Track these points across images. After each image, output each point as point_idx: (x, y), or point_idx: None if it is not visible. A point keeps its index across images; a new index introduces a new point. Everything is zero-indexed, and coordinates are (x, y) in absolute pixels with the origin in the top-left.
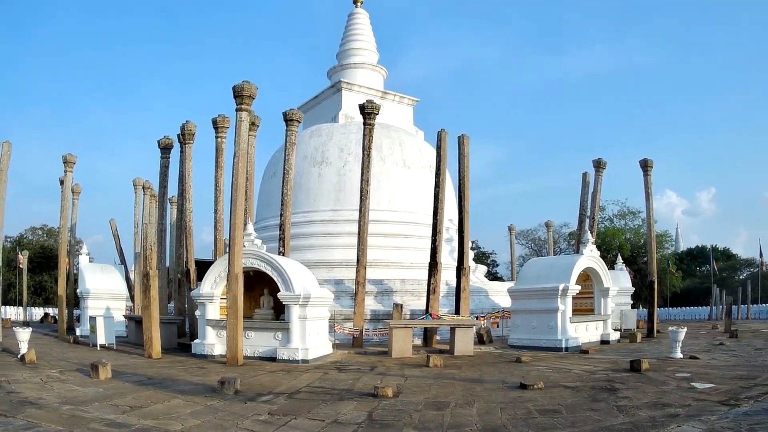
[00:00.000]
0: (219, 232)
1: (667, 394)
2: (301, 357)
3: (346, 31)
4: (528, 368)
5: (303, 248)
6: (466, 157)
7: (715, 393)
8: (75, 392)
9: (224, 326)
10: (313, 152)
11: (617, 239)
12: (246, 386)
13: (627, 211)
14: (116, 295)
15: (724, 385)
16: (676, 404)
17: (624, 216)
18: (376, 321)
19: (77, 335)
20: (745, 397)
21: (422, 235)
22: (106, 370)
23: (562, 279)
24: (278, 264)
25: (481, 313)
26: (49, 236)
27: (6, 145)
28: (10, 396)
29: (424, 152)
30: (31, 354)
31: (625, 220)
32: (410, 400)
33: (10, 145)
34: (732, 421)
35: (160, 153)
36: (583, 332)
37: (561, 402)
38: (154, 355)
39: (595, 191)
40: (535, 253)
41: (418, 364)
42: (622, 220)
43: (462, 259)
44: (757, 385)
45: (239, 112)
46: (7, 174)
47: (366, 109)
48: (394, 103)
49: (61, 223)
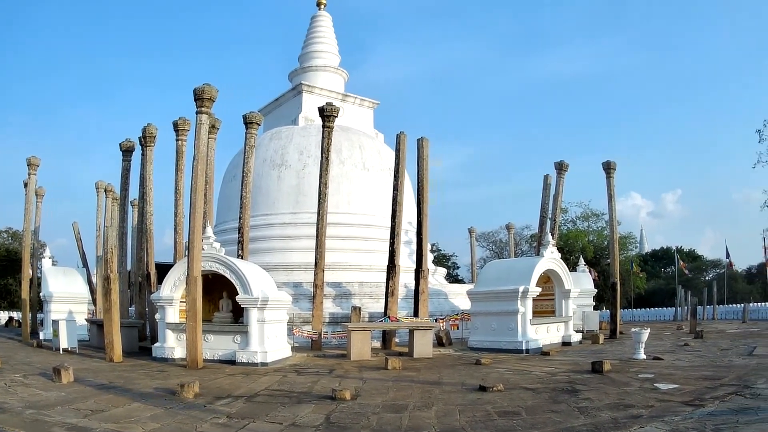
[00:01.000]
0: (179, 235)
1: (629, 395)
2: (260, 360)
3: (308, 34)
4: (488, 370)
5: (262, 251)
6: (425, 159)
7: (679, 394)
8: (38, 396)
9: (184, 329)
10: (273, 155)
11: (580, 241)
12: (205, 389)
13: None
14: (79, 298)
15: (688, 385)
16: (639, 405)
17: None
18: (334, 324)
19: (41, 339)
20: (710, 398)
21: (381, 237)
22: (69, 374)
23: (522, 281)
24: (236, 267)
25: (441, 315)
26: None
27: None
28: None
29: (384, 155)
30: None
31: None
32: (368, 402)
33: None
34: (696, 422)
35: (122, 156)
36: (544, 334)
37: (521, 404)
38: (115, 358)
39: (557, 193)
40: (496, 255)
41: (377, 367)
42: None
43: (420, 261)
44: (722, 386)
45: (199, 114)
46: None
47: (325, 112)
48: (355, 105)
49: (25, 226)
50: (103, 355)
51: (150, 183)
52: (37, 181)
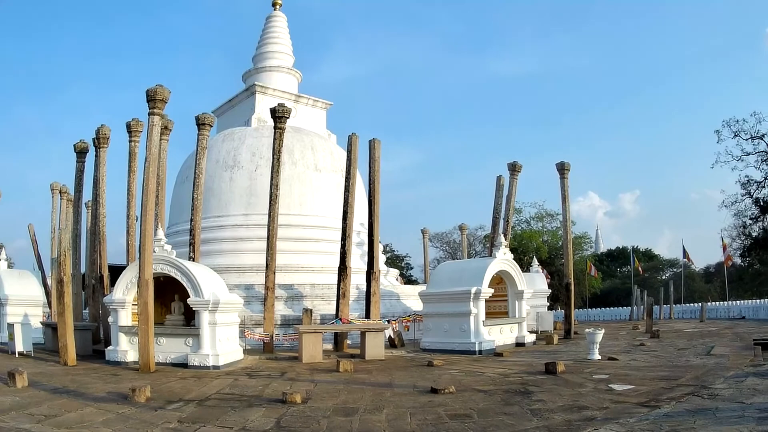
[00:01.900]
0: (131, 237)
1: (583, 396)
2: (212, 363)
3: (263, 34)
4: (440, 372)
5: (214, 253)
6: (377, 161)
7: (634, 394)
8: None
9: (136, 332)
10: (225, 156)
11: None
12: (157, 393)
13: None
14: (33, 301)
15: (644, 386)
16: (593, 407)
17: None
18: (286, 326)
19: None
20: (666, 398)
21: (333, 239)
22: (23, 378)
23: (475, 282)
24: (187, 269)
25: (393, 316)
26: None
27: None
28: None
29: (336, 156)
30: None
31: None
32: (319, 406)
33: None
34: (652, 423)
35: (76, 157)
36: (498, 335)
37: (473, 406)
38: (69, 362)
39: (510, 194)
40: (450, 256)
41: (329, 369)
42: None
43: (372, 262)
44: (679, 386)
45: (151, 116)
46: None
47: (277, 113)
48: (308, 106)
49: None
50: (58, 359)
51: (103, 184)
52: None
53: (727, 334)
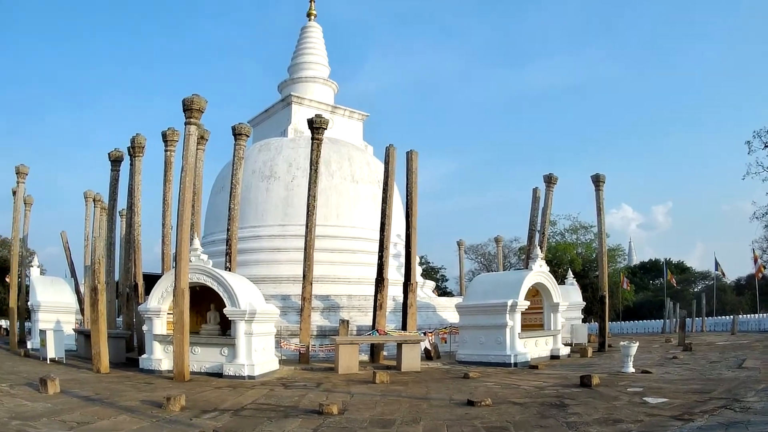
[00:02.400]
0: (167, 246)
1: (618, 409)
2: (247, 373)
3: (298, 45)
4: (476, 384)
5: (250, 263)
6: (415, 172)
7: (668, 408)
8: (24, 407)
9: (171, 341)
10: (262, 167)
11: (569, 254)
12: (192, 402)
13: (579, 225)
14: (66, 308)
15: (677, 399)
16: (628, 420)
17: (576, 230)
18: (322, 337)
19: (28, 348)
20: (699, 411)
21: (370, 250)
22: (55, 384)
23: (511, 295)
24: (224, 279)
25: (429, 328)
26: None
27: None
28: None
29: (373, 167)
30: None
31: (576, 234)
32: (356, 417)
33: None
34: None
35: (111, 166)
36: (533, 347)
37: (509, 419)
38: (102, 369)
39: (546, 206)
40: (484, 268)
41: (365, 381)
42: (574, 234)
43: (409, 274)
44: (712, 399)
45: (188, 125)
46: None
47: (314, 124)
48: (344, 117)
49: (13, 234)
50: (90, 366)
51: (138, 193)
52: (25, 189)
53: (758, 347)
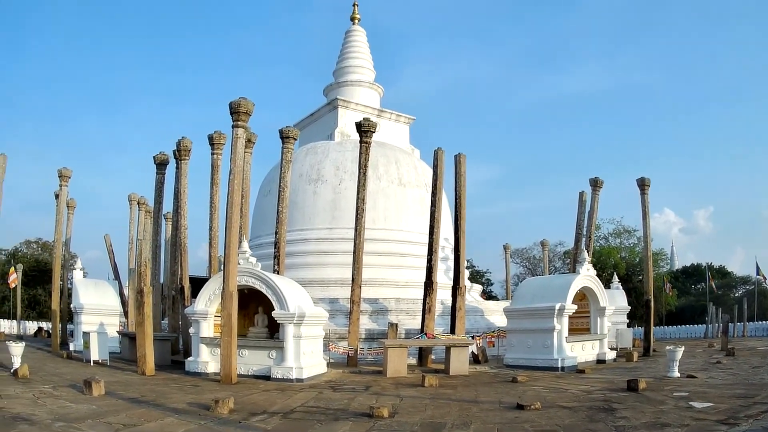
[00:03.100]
0: (214, 249)
1: (665, 413)
2: (296, 376)
3: (343, 49)
4: (524, 388)
5: (298, 266)
6: (463, 175)
7: (713, 412)
8: (68, 409)
9: (218, 344)
10: (309, 170)
11: (612, 258)
12: (240, 405)
13: (622, 229)
14: (110, 310)
15: (722, 404)
16: (675, 424)
17: (619, 234)
18: (371, 340)
19: (71, 350)
20: (744, 416)
21: (417, 254)
22: (100, 386)
23: (559, 298)
24: (273, 282)
25: (477, 332)
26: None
27: (1, 158)
28: (1, 412)
29: (420, 171)
30: (23, 369)
31: (620, 238)
32: (406, 420)
33: (5, 158)
34: None
35: (156, 169)
36: (580, 351)
37: (558, 423)
38: (147, 372)
39: (592, 210)
40: (529, 272)
41: (413, 384)
42: (618, 238)
43: (458, 278)
44: (756, 404)
45: (235, 128)
46: (2, 187)
47: (363, 127)
48: (391, 121)
49: (56, 237)
50: (135, 368)
51: (184, 196)
52: (68, 192)
53: None
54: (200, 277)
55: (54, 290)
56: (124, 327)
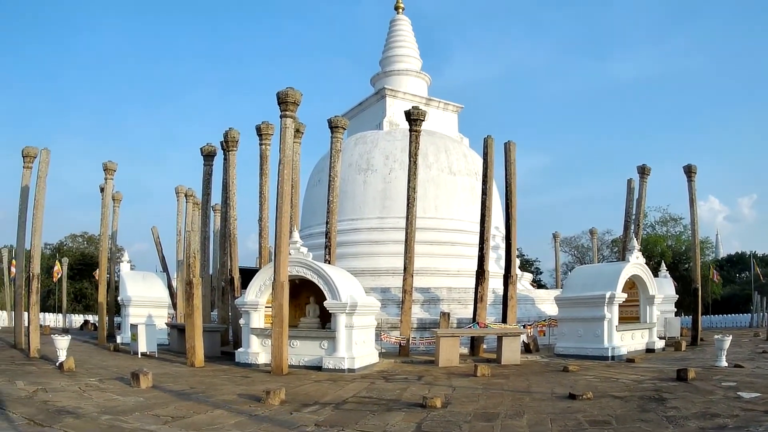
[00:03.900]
0: (264, 240)
1: (714, 403)
2: (347, 366)
3: (388, 38)
4: (576, 377)
5: (349, 256)
6: (513, 163)
7: (761, 402)
8: (114, 401)
9: (269, 335)
10: (359, 159)
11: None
12: (291, 396)
13: (669, 217)
14: (158, 302)
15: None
16: (724, 414)
17: (666, 223)
18: (422, 329)
19: (118, 343)
20: None
21: (468, 242)
22: (147, 378)
23: (609, 287)
24: (324, 272)
25: (528, 321)
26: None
27: (44, 153)
28: (47, 405)
29: (470, 159)
30: (69, 362)
31: (666, 226)
32: (459, 410)
33: (49, 152)
34: None
35: (203, 160)
36: (629, 340)
37: (611, 413)
38: (196, 363)
39: (640, 197)
40: (578, 261)
41: (466, 374)
42: (664, 226)
43: (509, 267)
44: None
45: (284, 118)
46: (45, 181)
47: (412, 116)
48: (439, 110)
49: (102, 231)
50: (184, 360)
51: (233, 187)
52: (114, 186)
53: None
54: (250, 268)
55: (100, 283)
56: (172, 319)
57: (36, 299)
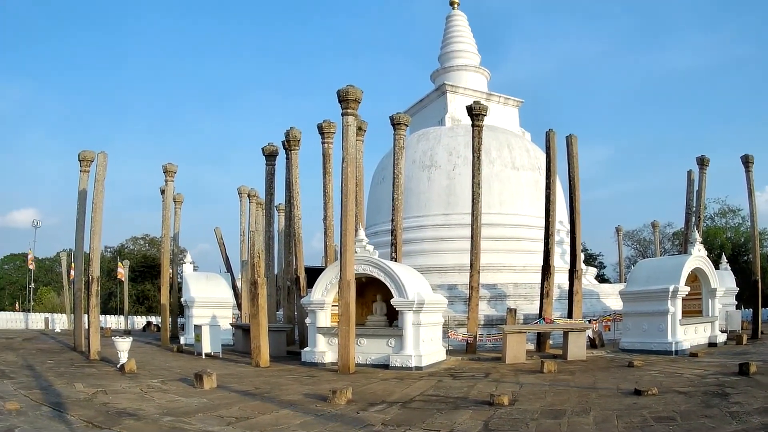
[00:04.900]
0: (329, 238)
1: None
2: (415, 364)
3: (445, 34)
4: (640, 373)
5: (414, 253)
6: (575, 157)
7: None
8: (177, 403)
9: (335, 334)
10: (422, 156)
11: (719, 238)
12: (358, 395)
13: (727, 209)
14: (222, 303)
15: None
16: None
17: (724, 214)
18: (489, 326)
19: (181, 344)
20: None
21: (533, 237)
22: (211, 379)
23: (672, 280)
24: (391, 270)
25: (593, 316)
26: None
27: (102, 156)
28: (106, 407)
29: (532, 154)
30: (131, 364)
31: (725, 218)
32: (526, 408)
33: (106, 155)
34: None
35: (265, 160)
36: (692, 334)
37: (675, 408)
38: (261, 363)
39: (700, 189)
40: (640, 254)
41: (532, 370)
42: (723, 218)
43: (574, 261)
44: None
45: (345, 116)
46: (104, 184)
47: (474, 111)
48: (499, 105)
49: (164, 233)
50: (249, 360)
51: (297, 187)
52: (174, 187)
53: None
54: (315, 267)
55: (163, 284)
56: (237, 319)
57: (96, 302)
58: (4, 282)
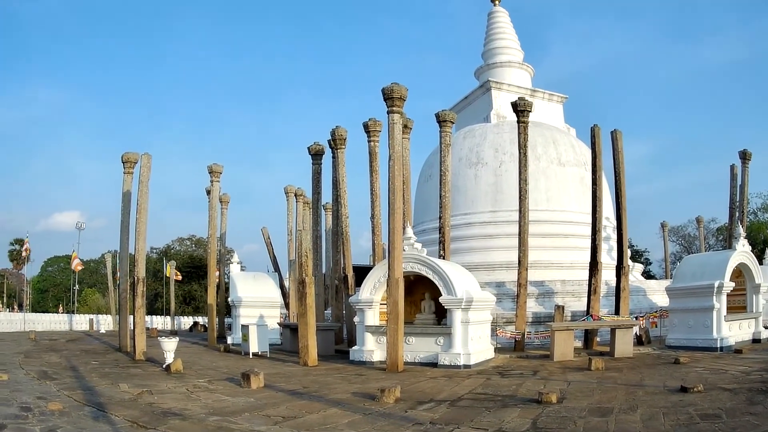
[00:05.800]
0: (377, 237)
1: None
2: (463, 362)
3: (488, 31)
4: (686, 370)
5: (462, 251)
6: (621, 152)
7: None
8: (223, 402)
9: (384, 332)
10: (468, 153)
11: (762, 233)
12: (406, 394)
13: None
14: (270, 302)
15: None
16: None
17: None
18: (537, 323)
19: (228, 344)
20: None
21: (580, 234)
22: (259, 379)
23: (717, 276)
24: (439, 267)
25: (640, 312)
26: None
27: (146, 157)
28: (151, 407)
29: (578, 150)
30: (177, 364)
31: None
32: (574, 406)
33: (150, 157)
34: None
35: (312, 159)
36: (736, 330)
37: (720, 406)
38: (309, 362)
39: (743, 183)
40: (685, 250)
41: (580, 368)
42: (766, 213)
43: (621, 257)
44: None
45: (391, 114)
46: (148, 186)
47: (519, 107)
48: (544, 101)
49: (210, 233)
50: (297, 360)
51: (344, 185)
52: (220, 188)
53: None
54: (363, 266)
55: (210, 285)
56: (285, 318)
57: (141, 302)
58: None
